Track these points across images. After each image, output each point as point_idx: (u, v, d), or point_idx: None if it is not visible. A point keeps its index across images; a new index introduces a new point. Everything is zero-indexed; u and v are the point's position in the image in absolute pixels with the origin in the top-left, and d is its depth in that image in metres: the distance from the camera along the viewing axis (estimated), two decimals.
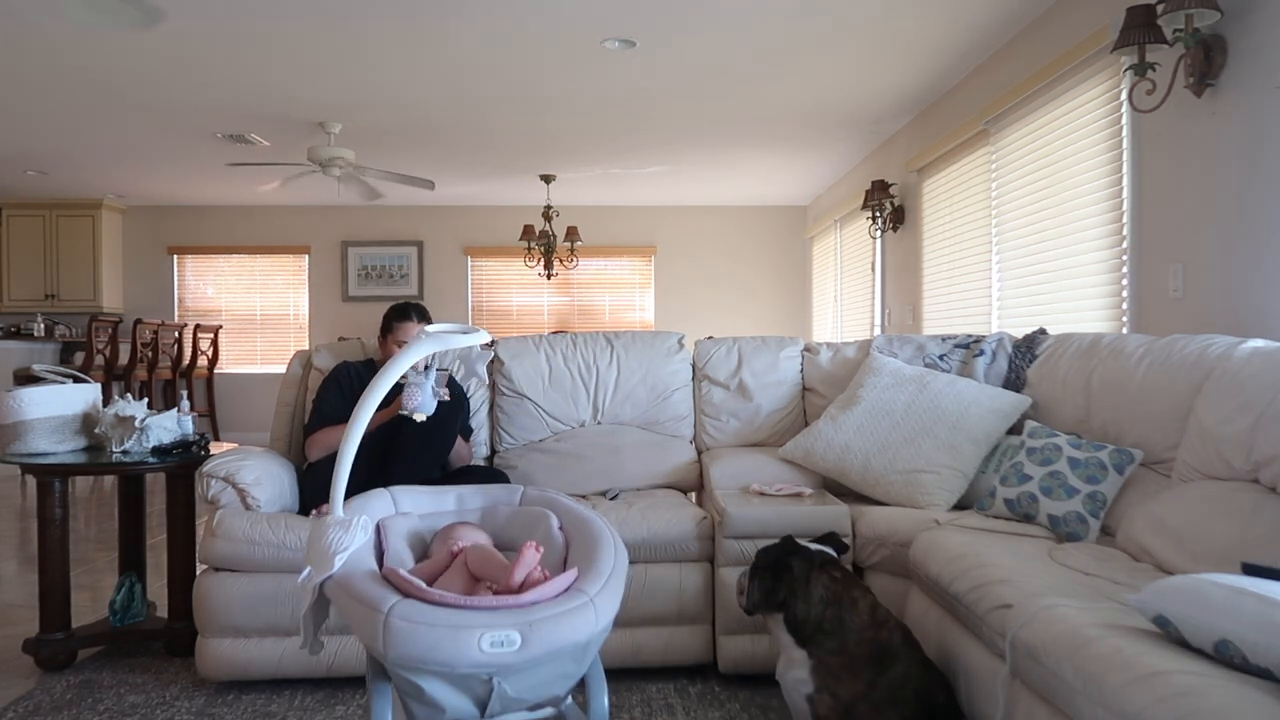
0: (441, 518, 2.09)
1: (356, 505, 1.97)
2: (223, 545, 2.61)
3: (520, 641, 1.49)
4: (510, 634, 1.50)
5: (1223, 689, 1.30)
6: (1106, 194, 3.64)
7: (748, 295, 9.58)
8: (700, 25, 4.34)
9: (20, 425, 2.90)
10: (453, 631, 1.49)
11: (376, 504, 2.03)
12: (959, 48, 4.69)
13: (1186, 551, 2.04)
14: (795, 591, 2.09)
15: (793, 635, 2.10)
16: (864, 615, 2.06)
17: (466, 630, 1.49)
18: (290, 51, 4.67)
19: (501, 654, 1.49)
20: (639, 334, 3.53)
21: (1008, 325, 4.55)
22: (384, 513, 2.03)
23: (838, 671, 2.02)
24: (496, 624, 1.50)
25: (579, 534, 1.92)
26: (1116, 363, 2.69)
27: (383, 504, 2.05)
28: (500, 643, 1.49)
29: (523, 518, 2.08)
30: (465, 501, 2.15)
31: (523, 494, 2.19)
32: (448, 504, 2.14)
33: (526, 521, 2.06)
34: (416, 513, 2.08)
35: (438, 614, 1.52)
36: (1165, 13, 2.82)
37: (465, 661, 1.48)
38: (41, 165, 7.39)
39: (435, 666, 1.50)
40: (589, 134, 6.47)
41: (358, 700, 2.58)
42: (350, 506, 1.94)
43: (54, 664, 2.83)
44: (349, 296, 9.42)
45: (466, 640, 1.48)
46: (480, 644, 1.48)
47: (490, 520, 2.11)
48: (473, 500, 2.16)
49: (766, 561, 2.17)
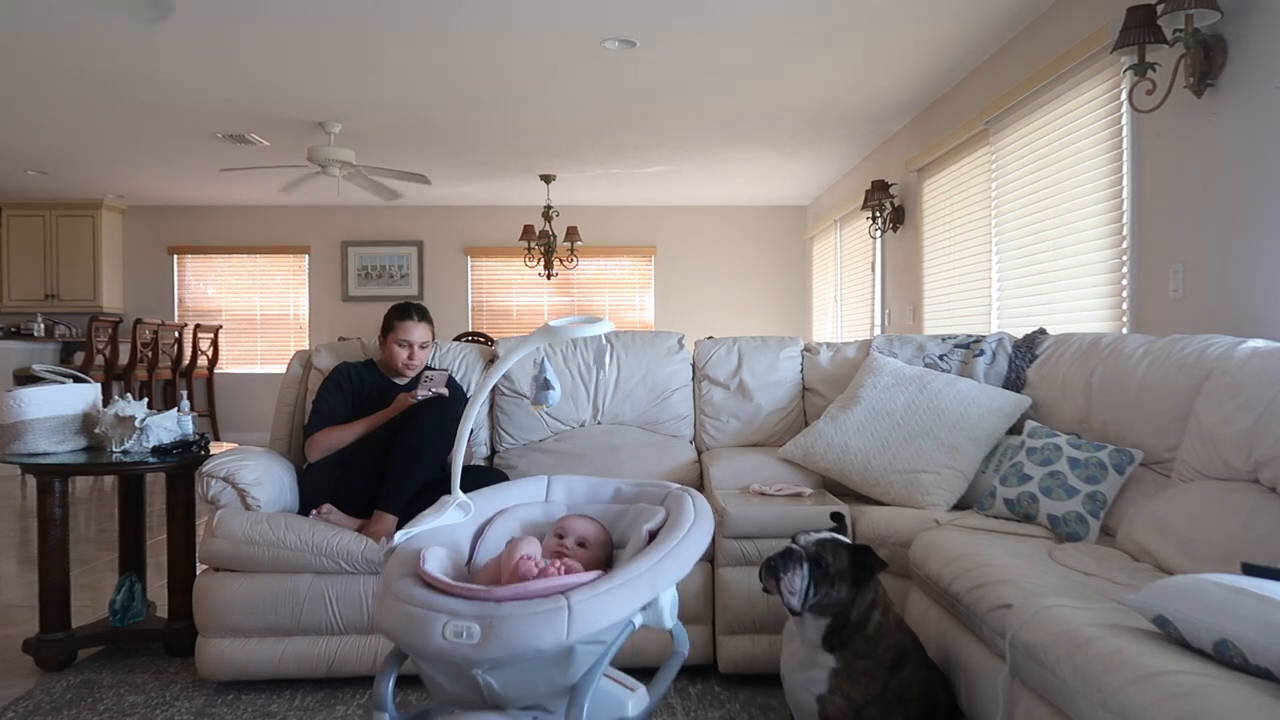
0: (592, 507, 2.05)
1: (505, 490, 2.03)
2: (223, 545, 2.61)
3: (479, 635, 1.46)
4: (471, 626, 1.47)
5: (1223, 689, 1.30)
6: (1106, 194, 3.64)
7: (748, 295, 9.58)
8: (700, 25, 4.34)
9: (20, 425, 2.90)
10: (424, 613, 1.49)
11: (524, 489, 2.06)
12: (959, 48, 4.69)
13: (1186, 551, 2.04)
14: (857, 600, 1.95)
15: (826, 638, 1.97)
16: (892, 618, 2.01)
17: (434, 615, 1.49)
18: (290, 51, 4.67)
19: (458, 645, 1.46)
20: (639, 334, 3.53)
21: (1008, 325, 4.55)
22: (529, 498, 2.03)
23: (859, 675, 1.94)
24: (461, 614, 1.48)
25: (658, 539, 1.80)
26: (1116, 363, 2.69)
27: (531, 489, 2.07)
28: (460, 633, 1.47)
29: (634, 514, 1.99)
30: (620, 493, 2.10)
31: (669, 493, 2.05)
32: (605, 493, 2.10)
33: (636, 518, 1.97)
34: (565, 501, 2.07)
35: (419, 594, 1.54)
36: (1165, 13, 2.82)
37: (427, 646, 1.47)
38: (41, 165, 7.39)
39: (406, 648, 1.51)
40: (589, 134, 6.47)
41: (358, 700, 2.58)
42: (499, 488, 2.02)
43: (54, 664, 2.83)
44: (349, 296, 9.42)
45: (433, 625, 1.48)
46: (444, 631, 1.47)
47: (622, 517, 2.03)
48: (627, 491, 2.10)
49: (843, 566, 1.95)
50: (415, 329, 3.06)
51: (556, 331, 1.80)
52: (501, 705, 1.59)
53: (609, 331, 1.87)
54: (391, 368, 3.09)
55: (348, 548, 2.60)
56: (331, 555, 2.59)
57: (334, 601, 2.60)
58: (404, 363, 3.06)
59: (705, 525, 1.84)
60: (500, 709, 1.59)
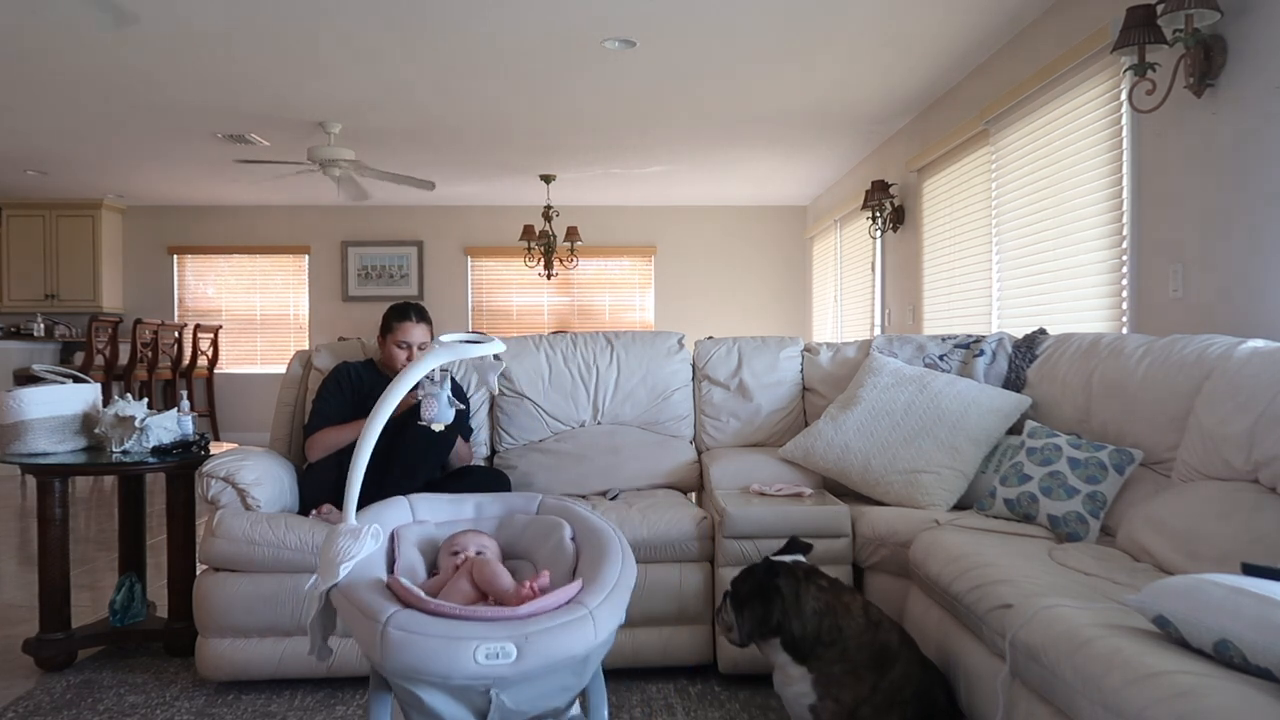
0: (459, 525, 2.08)
1: (373, 513, 1.97)
2: (223, 545, 2.61)
3: (516, 654, 1.48)
4: (506, 646, 1.48)
5: (1223, 689, 1.30)
6: (1106, 194, 3.64)
7: (748, 295, 9.57)
8: (700, 25, 4.34)
9: (20, 425, 2.90)
10: (448, 643, 1.48)
11: (393, 512, 2.03)
12: (959, 48, 4.69)
13: (1186, 551, 2.04)
14: (789, 612, 2.02)
15: (790, 654, 2.04)
16: (859, 619, 2.04)
17: (462, 642, 1.48)
18: (290, 51, 4.67)
19: (496, 666, 1.47)
20: (639, 334, 3.53)
21: (1008, 325, 4.55)
22: (400, 520, 2.02)
23: (840, 678, 2.00)
24: (492, 636, 1.49)
25: (589, 545, 1.90)
26: (1116, 363, 2.68)
27: (399, 512, 2.05)
28: (495, 655, 1.47)
29: (537, 527, 2.06)
30: (483, 509, 2.14)
31: (540, 502, 2.17)
32: (466, 512, 2.13)
33: (540, 531, 2.04)
34: (434, 520, 2.07)
35: (435, 624, 1.51)
36: (1165, 13, 2.82)
37: (460, 673, 1.47)
38: (41, 165, 7.39)
39: (430, 677, 1.49)
40: (589, 134, 6.47)
41: (358, 700, 2.58)
42: (367, 514, 1.94)
43: (54, 664, 2.83)
44: (349, 296, 9.42)
45: (462, 651, 1.47)
46: (475, 656, 1.47)
47: (506, 528, 2.09)
48: (491, 508, 2.14)
49: (750, 588, 2.08)
50: (414, 330, 3.06)
51: (449, 348, 1.83)
52: None
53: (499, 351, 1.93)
54: (391, 368, 3.09)
55: None
56: None
57: None
58: (403, 364, 3.05)
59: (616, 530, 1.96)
60: None
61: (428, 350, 1.86)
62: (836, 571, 2.67)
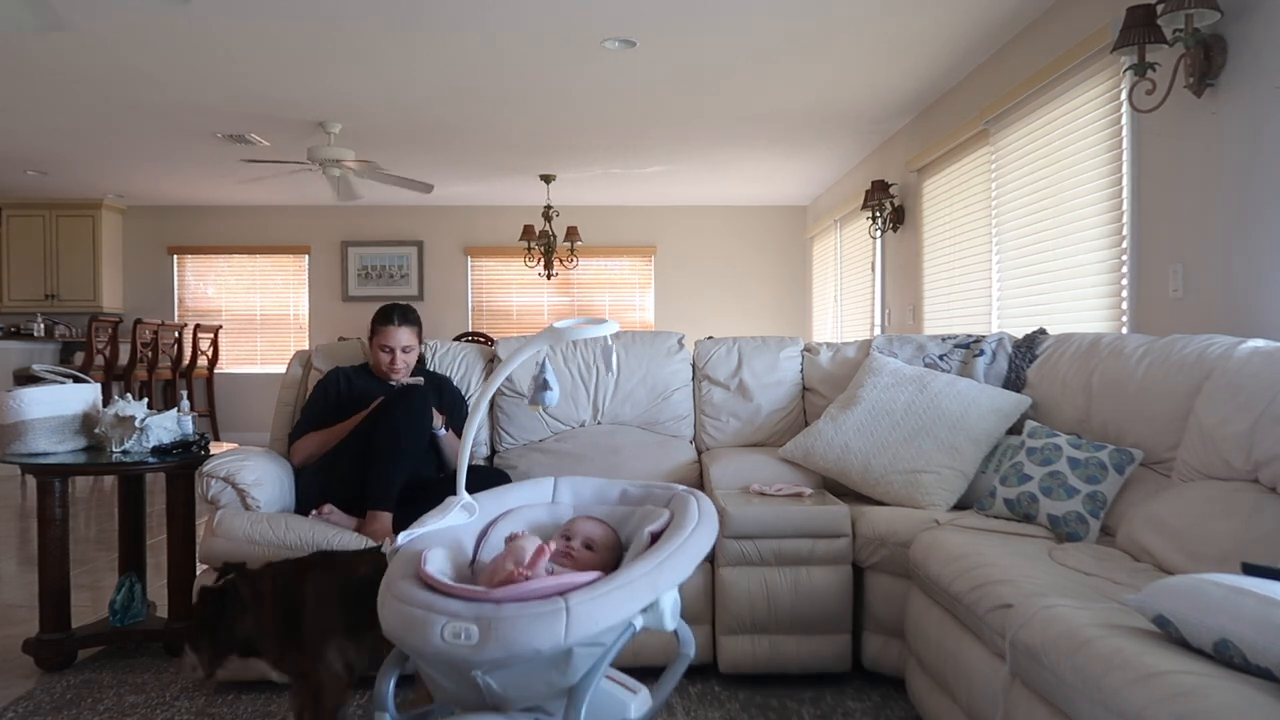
0: (598, 509, 2.05)
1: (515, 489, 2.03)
2: (223, 545, 2.61)
3: (478, 637, 1.46)
4: (470, 627, 1.46)
5: (1223, 689, 1.30)
6: (1106, 194, 3.64)
7: (748, 295, 9.58)
8: (700, 25, 4.34)
9: (20, 425, 2.90)
10: (424, 614, 1.49)
11: (530, 490, 2.06)
12: (959, 48, 4.69)
13: (1186, 551, 2.04)
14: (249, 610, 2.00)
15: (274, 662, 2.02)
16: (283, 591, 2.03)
17: (434, 616, 1.48)
18: (290, 51, 4.67)
19: (457, 646, 1.46)
20: (639, 334, 3.53)
21: (1008, 325, 4.55)
22: (534, 499, 2.03)
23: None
24: (460, 615, 1.48)
25: (663, 538, 1.79)
26: (1116, 363, 2.69)
27: (538, 490, 2.07)
28: (459, 634, 1.46)
29: (642, 516, 1.99)
30: (627, 495, 2.09)
31: (675, 494, 2.05)
32: (610, 495, 2.09)
33: (641, 520, 1.97)
34: (571, 503, 2.07)
35: (419, 595, 1.53)
36: (1165, 13, 2.82)
37: (426, 646, 1.47)
38: (41, 165, 7.39)
39: (406, 648, 1.51)
40: (589, 134, 6.47)
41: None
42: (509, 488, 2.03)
43: (54, 664, 2.83)
44: (349, 296, 9.42)
45: (432, 626, 1.47)
46: (442, 632, 1.46)
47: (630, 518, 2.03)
48: (633, 493, 2.09)
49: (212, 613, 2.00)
50: (396, 333, 3.02)
51: (561, 332, 1.80)
52: (501, 706, 1.58)
53: (614, 332, 1.87)
54: (379, 370, 3.08)
55: (348, 548, 2.59)
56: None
57: None
58: (386, 367, 3.03)
59: (709, 527, 1.83)
60: (500, 710, 1.59)
61: (543, 331, 1.83)
62: (837, 571, 2.67)
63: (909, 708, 2.52)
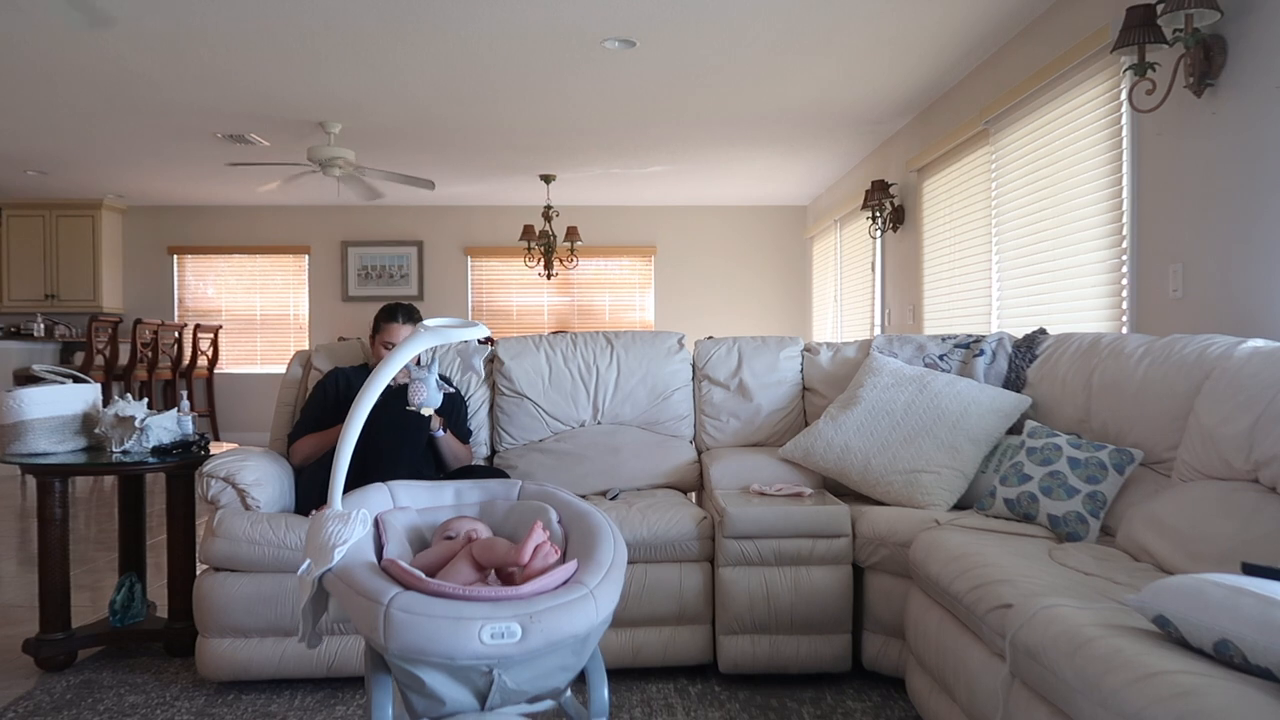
0: (439, 512, 2.09)
1: (355, 499, 1.96)
2: (223, 545, 2.61)
3: (521, 633, 1.49)
4: (510, 625, 1.49)
5: (1223, 689, 1.30)
6: (1106, 194, 3.64)
7: (748, 295, 9.57)
8: (700, 25, 4.34)
9: (20, 425, 2.90)
10: (453, 623, 1.49)
11: (374, 498, 2.03)
12: (959, 48, 4.69)
13: (1186, 551, 2.04)
14: None
15: None
16: None
17: (467, 622, 1.49)
18: (290, 51, 4.67)
19: (501, 645, 1.48)
20: (639, 334, 3.53)
21: (1008, 325, 4.55)
22: (382, 507, 2.02)
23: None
24: (497, 615, 1.50)
25: (578, 527, 1.92)
26: (1116, 363, 2.69)
27: (380, 498, 2.05)
28: (500, 634, 1.49)
29: (520, 511, 2.07)
30: (463, 496, 2.15)
31: (520, 488, 2.18)
32: (445, 498, 2.13)
33: (524, 515, 2.05)
34: (415, 507, 2.08)
35: (438, 605, 1.52)
36: (1165, 13, 2.82)
37: (465, 653, 1.48)
38: (41, 165, 7.39)
39: (435, 658, 1.50)
40: (589, 134, 6.47)
41: (358, 700, 2.58)
42: (348, 500, 1.93)
43: (54, 664, 2.83)
44: (349, 296, 9.42)
45: (467, 631, 1.48)
46: (481, 635, 1.48)
47: (489, 514, 2.10)
48: (470, 494, 2.15)
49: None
50: (400, 330, 3.04)
51: (433, 332, 1.84)
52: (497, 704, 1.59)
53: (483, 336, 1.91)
54: None
55: None
56: None
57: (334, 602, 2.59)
58: None
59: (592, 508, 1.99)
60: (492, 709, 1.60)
61: (412, 334, 1.85)
62: (837, 571, 2.67)
63: (909, 708, 2.52)
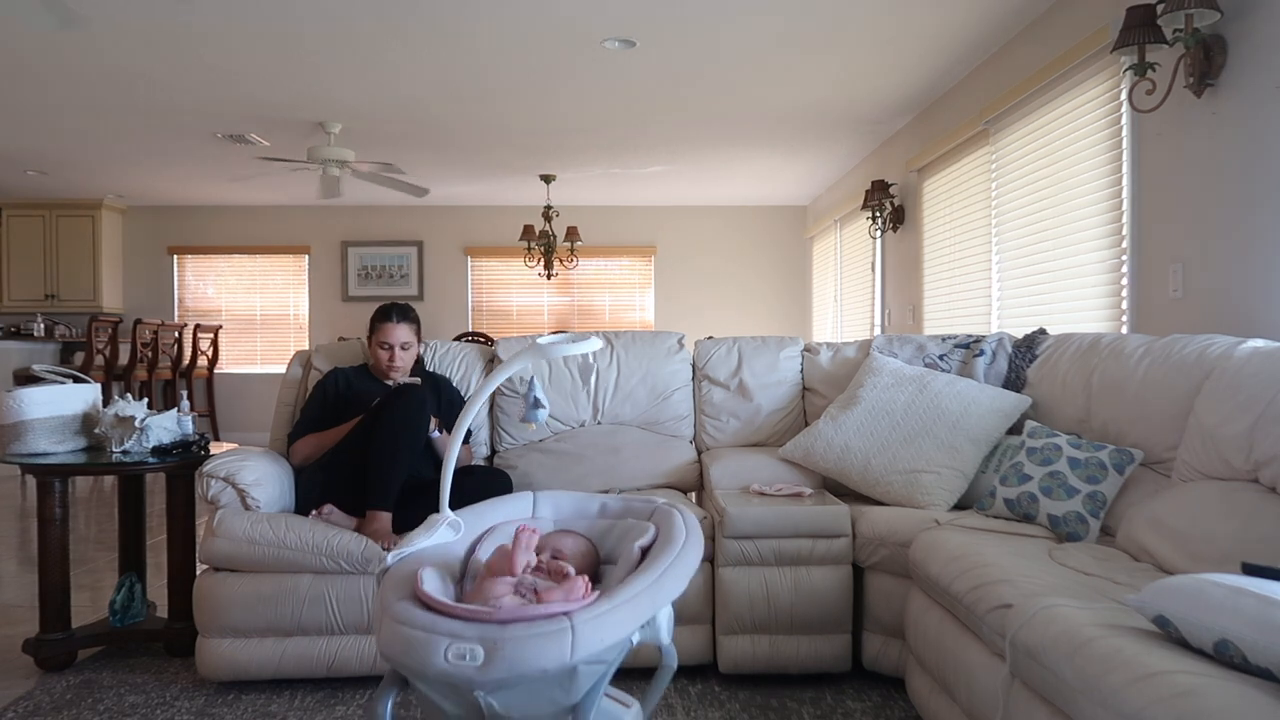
0: (577, 523, 2.05)
1: (493, 506, 2.00)
2: (223, 545, 2.61)
3: (483, 657, 1.44)
4: (474, 648, 1.44)
5: (1223, 689, 1.30)
6: (1106, 194, 3.64)
7: (748, 295, 9.57)
8: (700, 25, 4.34)
9: (20, 425, 2.90)
10: (425, 636, 1.47)
11: (511, 506, 2.04)
12: (959, 48, 4.69)
13: (1186, 551, 2.04)
14: None
15: None
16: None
17: (436, 638, 1.46)
18: (290, 51, 4.67)
19: (463, 667, 1.44)
20: (639, 334, 3.53)
21: (1008, 325, 4.55)
22: (514, 515, 2.02)
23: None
24: (464, 636, 1.46)
25: (653, 555, 1.81)
26: (1116, 363, 2.69)
27: (519, 506, 2.06)
28: (463, 655, 1.44)
29: (624, 530, 1.99)
30: (606, 509, 2.10)
31: (657, 507, 2.07)
32: (590, 509, 2.10)
33: (625, 534, 1.98)
34: (551, 517, 2.07)
35: (420, 617, 1.51)
36: (1165, 13, 2.82)
37: (430, 669, 1.45)
38: (41, 165, 7.39)
39: (407, 671, 1.49)
40: (589, 134, 6.47)
41: (358, 700, 2.59)
42: (489, 505, 1.99)
43: (54, 664, 2.83)
44: (349, 296, 9.42)
45: (434, 647, 1.45)
46: (446, 654, 1.44)
47: (610, 533, 2.04)
48: (613, 506, 2.10)
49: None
50: (395, 330, 3.05)
51: (544, 350, 1.80)
52: None
53: (597, 350, 1.88)
54: (378, 368, 3.09)
55: (348, 548, 2.60)
56: (331, 555, 2.59)
57: (334, 602, 2.60)
58: (386, 364, 3.05)
59: (696, 541, 1.85)
60: None
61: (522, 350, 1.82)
62: (837, 571, 2.67)
63: (909, 708, 2.52)
